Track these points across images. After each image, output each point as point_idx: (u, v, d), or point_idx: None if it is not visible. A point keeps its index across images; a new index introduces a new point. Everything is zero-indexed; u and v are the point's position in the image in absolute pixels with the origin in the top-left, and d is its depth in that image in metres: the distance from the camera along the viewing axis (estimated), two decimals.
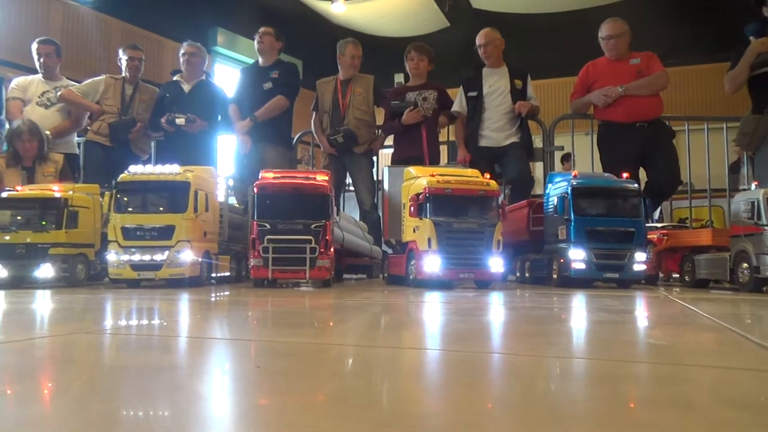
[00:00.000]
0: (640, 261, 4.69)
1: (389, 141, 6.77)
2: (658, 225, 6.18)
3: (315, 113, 6.72)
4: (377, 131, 6.74)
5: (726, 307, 3.21)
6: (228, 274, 5.26)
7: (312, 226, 4.62)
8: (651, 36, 7.83)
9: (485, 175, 4.86)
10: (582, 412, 1.05)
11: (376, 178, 6.78)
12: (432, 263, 4.45)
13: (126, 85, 6.46)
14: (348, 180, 6.86)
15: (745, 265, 4.27)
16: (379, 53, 9.37)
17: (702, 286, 4.95)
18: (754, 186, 4.47)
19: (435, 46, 6.89)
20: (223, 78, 10.57)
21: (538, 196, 6.30)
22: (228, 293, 4.17)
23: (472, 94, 6.37)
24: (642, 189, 5.26)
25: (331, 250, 4.72)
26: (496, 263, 4.51)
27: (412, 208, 4.61)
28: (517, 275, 5.75)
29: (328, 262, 4.62)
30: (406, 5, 12.91)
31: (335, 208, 5.00)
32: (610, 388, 1.21)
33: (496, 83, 6.33)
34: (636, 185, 5.03)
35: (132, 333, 2.09)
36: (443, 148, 7.08)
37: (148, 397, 1.11)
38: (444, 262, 4.45)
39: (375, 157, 6.87)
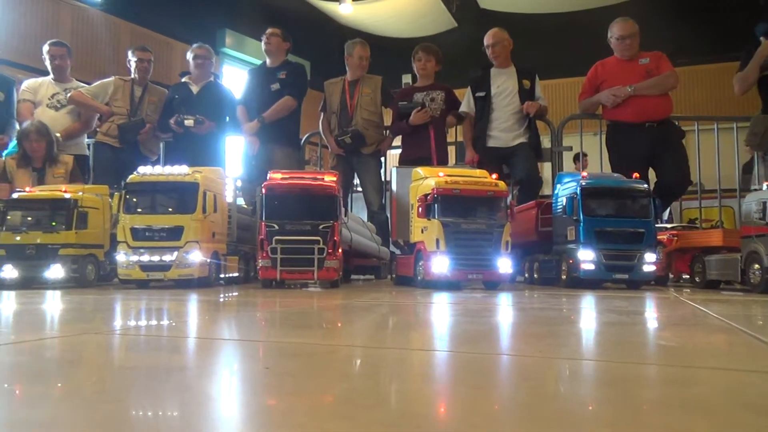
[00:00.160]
0: (649, 262, 4.66)
1: (397, 141, 6.77)
2: (668, 225, 6.14)
3: (323, 114, 6.73)
4: (385, 132, 6.74)
5: (737, 309, 3.18)
6: (236, 274, 5.27)
7: (320, 226, 4.62)
8: (659, 35, 7.79)
9: (493, 176, 4.85)
10: (592, 414, 1.04)
11: (383, 178, 6.78)
12: (440, 264, 4.44)
13: (135, 87, 6.50)
14: (356, 181, 6.87)
15: (757, 266, 4.23)
16: (387, 54, 9.37)
17: (712, 287, 4.91)
18: (765, 186, 4.42)
19: (442, 46, 6.88)
20: (232, 79, 10.60)
21: (546, 196, 6.28)
22: (236, 294, 4.18)
23: (480, 94, 6.36)
24: (651, 189, 5.22)
25: (339, 250, 4.72)
26: (504, 264, 4.50)
27: (420, 208, 4.60)
28: (526, 276, 5.72)
29: (336, 262, 4.62)
30: (413, 6, 12.91)
31: (343, 208, 5.00)
32: (620, 390, 1.20)
33: (504, 83, 6.32)
34: (645, 185, 5.00)
35: (141, 334, 2.10)
36: (451, 148, 7.07)
37: (157, 398, 1.11)
38: (452, 263, 4.44)
39: (383, 158, 6.86)
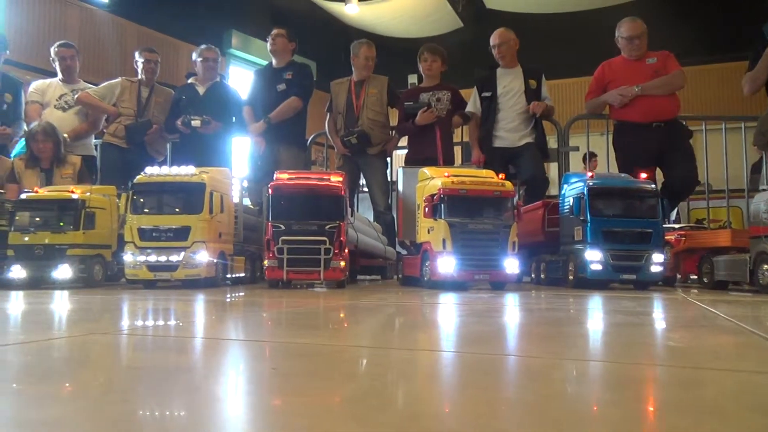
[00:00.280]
0: (657, 262, 4.64)
1: (403, 142, 6.76)
2: (675, 226, 6.11)
3: (329, 114, 6.73)
4: (391, 132, 6.74)
5: (746, 310, 3.16)
6: (243, 275, 5.28)
7: (326, 227, 4.62)
8: (667, 35, 7.75)
9: (500, 176, 4.83)
10: (601, 415, 1.03)
11: (389, 179, 6.78)
12: (447, 264, 4.43)
13: (142, 88, 6.52)
14: (362, 181, 6.87)
15: (766, 267, 4.19)
16: (393, 54, 9.37)
17: (721, 287, 4.88)
18: None
19: (448, 46, 6.88)
20: (238, 80, 10.63)
21: (552, 196, 6.26)
22: (243, 294, 4.19)
23: (486, 94, 6.34)
24: (659, 189, 5.19)
25: (346, 251, 4.72)
26: (511, 264, 4.48)
27: (426, 208, 4.59)
28: (533, 276, 5.71)
29: (342, 263, 4.62)
30: (419, 6, 12.91)
31: (349, 209, 5.00)
32: (629, 391, 1.20)
33: (510, 83, 6.30)
34: (653, 186, 4.97)
35: (148, 334, 2.10)
36: (457, 149, 7.06)
37: (164, 398, 1.12)
38: (459, 263, 4.43)
39: (389, 158, 6.86)
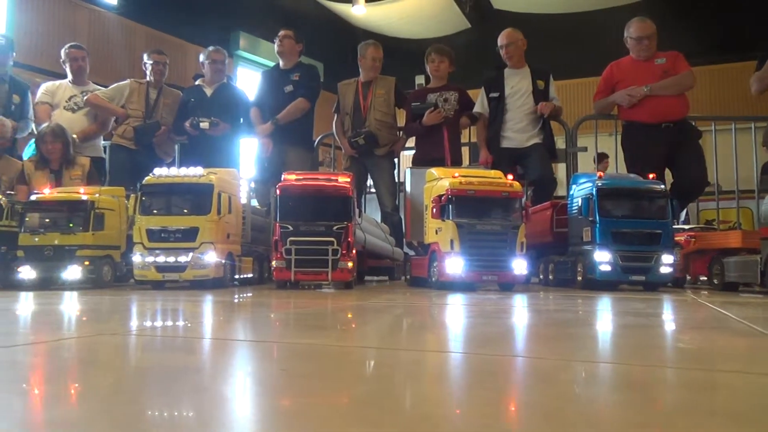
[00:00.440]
0: (667, 263, 4.61)
1: (410, 143, 6.75)
2: (685, 227, 6.06)
3: (336, 115, 6.74)
4: (398, 133, 6.73)
5: (758, 311, 3.14)
6: (251, 275, 5.29)
7: (334, 227, 4.62)
8: (675, 35, 7.70)
9: (508, 176, 4.82)
10: (612, 418, 1.02)
11: (397, 179, 6.77)
12: (455, 265, 4.42)
13: (150, 89, 6.55)
14: (369, 182, 6.86)
15: None
16: (400, 55, 9.37)
17: (731, 289, 4.84)
18: None
19: (456, 47, 6.87)
20: (246, 82, 10.65)
21: (560, 197, 6.23)
22: (251, 295, 4.19)
23: (494, 95, 6.33)
24: (668, 190, 5.16)
25: (353, 251, 4.72)
26: (519, 265, 4.47)
27: (434, 209, 4.58)
28: (541, 277, 5.68)
29: (350, 263, 4.62)
30: (426, 7, 12.89)
31: (357, 209, 5.00)
32: (641, 394, 1.18)
33: (518, 84, 6.28)
34: (662, 186, 4.94)
35: (157, 334, 2.11)
36: (465, 149, 7.04)
37: (173, 399, 1.11)
38: (467, 264, 4.42)
39: (396, 159, 6.86)
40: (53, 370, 1.43)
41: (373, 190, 6.80)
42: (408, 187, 5.56)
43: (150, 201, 4.69)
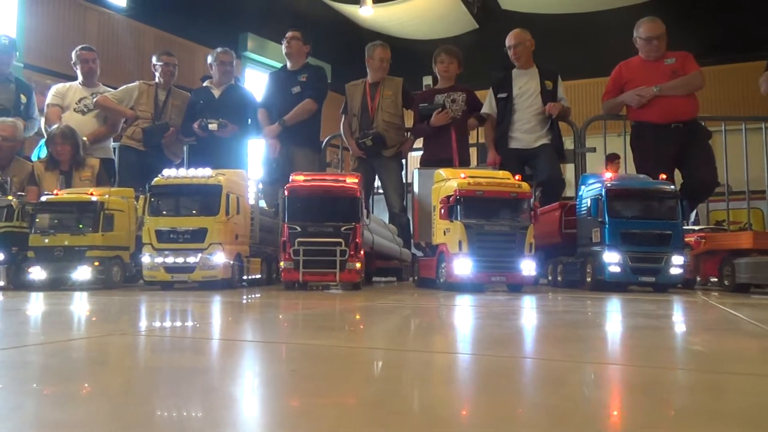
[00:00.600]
0: (677, 264, 4.57)
1: (418, 143, 6.75)
2: (695, 228, 6.02)
3: (344, 116, 6.74)
4: (406, 134, 6.73)
5: None
6: (259, 276, 5.30)
7: (342, 228, 4.62)
8: (684, 35, 7.66)
9: (516, 177, 4.80)
10: (622, 421, 1.02)
11: (405, 180, 6.77)
12: (463, 266, 4.41)
13: (159, 91, 6.59)
14: (377, 183, 6.87)
15: None
16: (408, 56, 9.36)
17: (742, 290, 4.80)
18: None
19: (463, 47, 6.86)
20: (254, 83, 10.69)
21: (568, 198, 6.21)
22: (259, 296, 4.20)
23: (502, 95, 6.32)
24: (678, 190, 5.13)
25: (362, 252, 4.72)
26: (528, 266, 4.45)
27: (442, 210, 4.57)
28: (549, 279, 5.66)
29: (358, 264, 4.62)
30: (434, 7, 12.89)
31: (365, 210, 5.00)
32: (651, 396, 1.17)
33: (526, 84, 6.27)
34: (672, 187, 4.90)
35: (166, 335, 2.11)
36: (473, 150, 7.03)
37: (182, 400, 1.12)
38: (475, 265, 4.40)
39: (404, 160, 6.86)
40: (63, 370, 1.43)
41: (381, 191, 6.80)
42: (416, 188, 5.56)
43: (159, 202, 4.71)
